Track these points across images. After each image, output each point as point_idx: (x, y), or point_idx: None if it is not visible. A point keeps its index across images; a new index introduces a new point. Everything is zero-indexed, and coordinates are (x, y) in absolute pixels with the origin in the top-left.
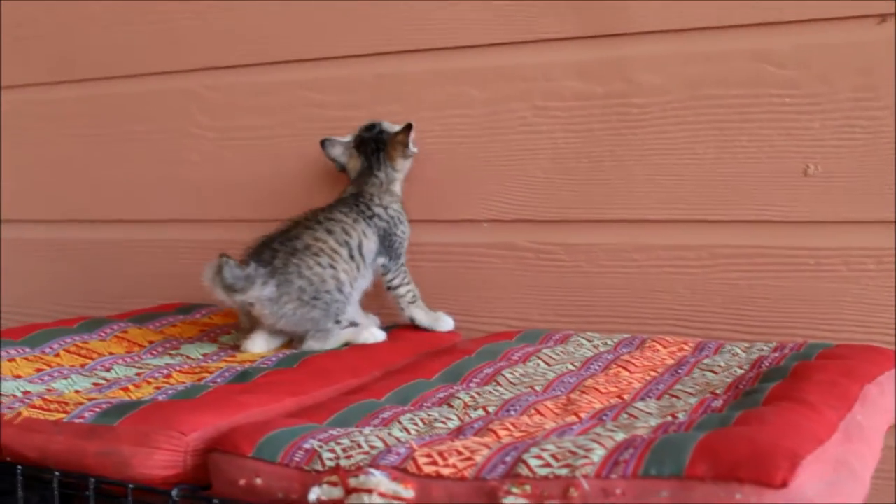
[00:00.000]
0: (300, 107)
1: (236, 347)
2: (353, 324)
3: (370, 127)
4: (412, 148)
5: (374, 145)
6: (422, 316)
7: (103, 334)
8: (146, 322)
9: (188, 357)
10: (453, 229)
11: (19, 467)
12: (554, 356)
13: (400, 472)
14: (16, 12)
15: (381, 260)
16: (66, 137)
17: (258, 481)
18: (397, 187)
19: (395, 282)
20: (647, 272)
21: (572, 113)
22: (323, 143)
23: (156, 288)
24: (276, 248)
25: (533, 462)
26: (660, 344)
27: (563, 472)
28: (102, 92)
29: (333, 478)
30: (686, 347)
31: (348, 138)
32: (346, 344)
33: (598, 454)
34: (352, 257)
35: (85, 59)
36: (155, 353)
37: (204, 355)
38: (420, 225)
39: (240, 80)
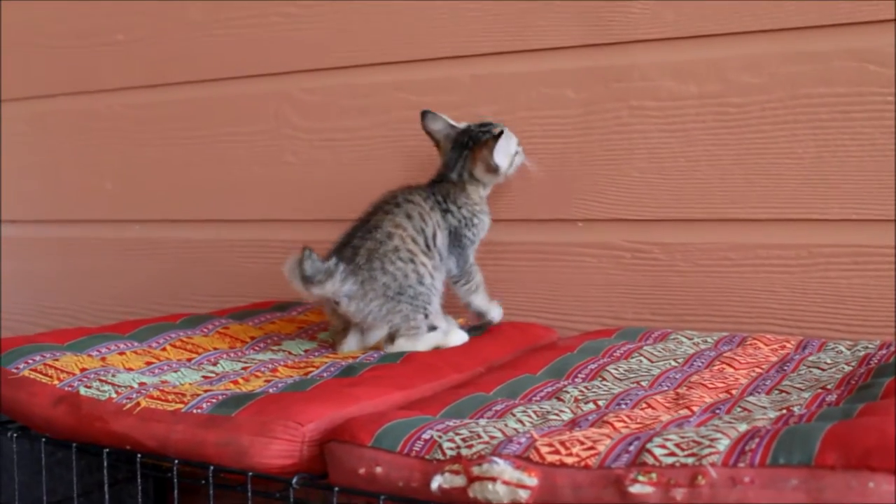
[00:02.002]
0: (397, 108)
1: (334, 345)
2: (433, 327)
3: (484, 125)
4: (496, 161)
5: (467, 142)
6: (479, 300)
7: (205, 330)
8: (245, 319)
9: (290, 353)
10: (548, 228)
11: (139, 455)
12: (656, 353)
13: (523, 460)
14: (112, 19)
15: (451, 259)
16: (164, 140)
17: (378, 470)
18: (475, 194)
19: (462, 281)
20: (744, 271)
21: (668, 113)
22: (424, 114)
23: (249, 286)
24: (358, 245)
25: (658, 451)
26: (761, 342)
27: (690, 460)
28: (198, 95)
29: (456, 466)
30: (788, 345)
31: (462, 125)
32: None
33: (724, 443)
34: (428, 247)
35: (181, 63)
36: (257, 348)
37: (305, 351)
38: (515, 224)
39: (336, 82)
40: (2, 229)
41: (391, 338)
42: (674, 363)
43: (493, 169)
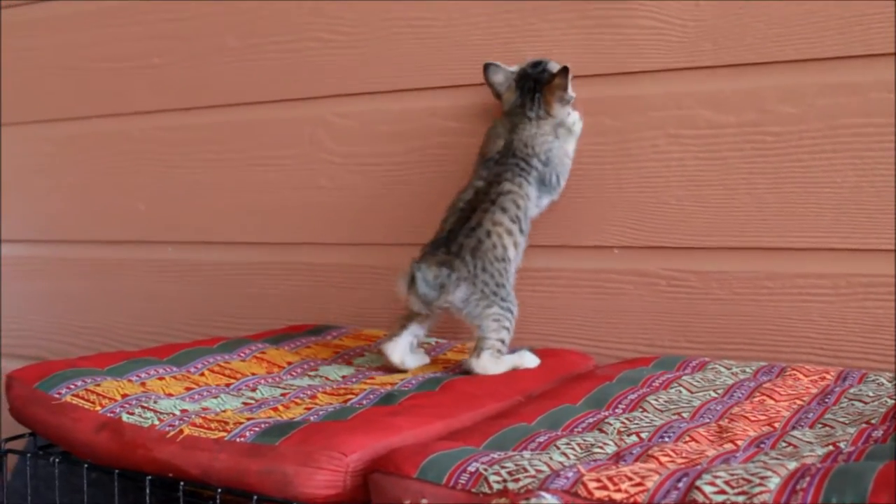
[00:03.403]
0: (433, 135)
1: (372, 369)
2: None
3: (536, 64)
4: (570, 92)
5: (533, 84)
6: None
7: (243, 354)
8: (281, 343)
9: (328, 378)
10: (585, 255)
11: (182, 483)
12: (695, 383)
13: (570, 495)
14: (148, 43)
15: (545, 201)
16: (197, 162)
17: (424, 502)
18: (547, 125)
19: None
20: (781, 300)
21: (705, 141)
22: (487, 66)
23: (283, 309)
24: (462, 243)
25: (707, 489)
26: (800, 372)
27: (740, 499)
28: (232, 118)
29: (503, 500)
30: (828, 376)
31: (514, 68)
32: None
33: (774, 482)
34: (521, 231)
35: (215, 87)
36: (295, 373)
37: (343, 377)
38: (552, 250)
39: (370, 107)
40: (35, 249)
41: (478, 350)
42: (714, 394)
43: (568, 100)
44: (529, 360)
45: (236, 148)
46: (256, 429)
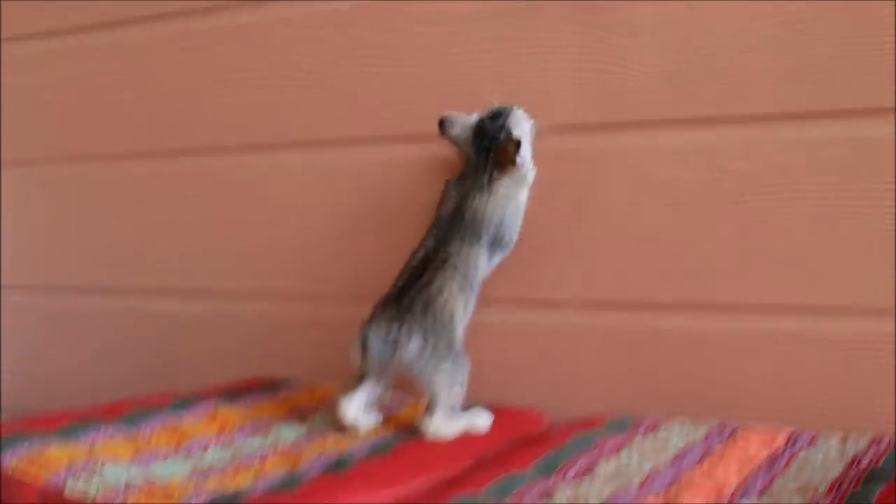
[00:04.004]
0: (393, 187)
1: (325, 429)
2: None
3: (496, 115)
4: (520, 160)
5: (489, 143)
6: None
7: (196, 413)
8: (234, 399)
9: (280, 439)
10: (540, 309)
11: None
12: (646, 446)
13: None
14: (114, 83)
15: (496, 259)
16: (157, 206)
17: None
18: (502, 187)
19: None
20: (735, 357)
21: (661, 196)
22: (442, 121)
23: (242, 361)
24: (413, 297)
25: None
26: (751, 433)
27: None
28: (192, 163)
29: None
30: (779, 438)
31: (473, 117)
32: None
33: None
34: (472, 289)
35: (184, 130)
36: (247, 433)
37: (295, 438)
38: (507, 304)
39: (335, 156)
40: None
41: (431, 410)
42: (664, 459)
43: (520, 165)
44: (482, 419)
45: (205, 193)
46: (199, 502)
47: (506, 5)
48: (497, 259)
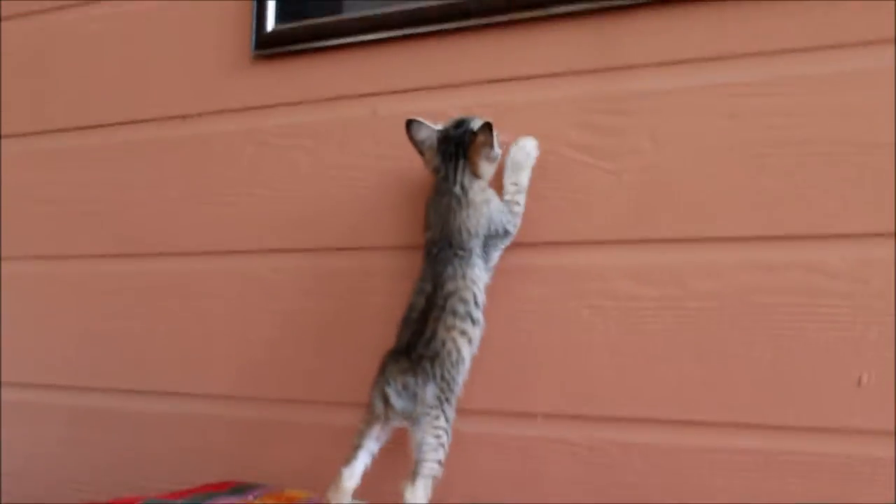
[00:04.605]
0: (366, 293)
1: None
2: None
3: (459, 123)
4: (497, 149)
5: (455, 148)
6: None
7: None
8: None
9: None
10: (510, 421)
11: None
12: None
13: None
14: (88, 188)
15: (497, 254)
16: (130, 309)
17: None
18: (479, 195)
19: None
20: (700, 474)
21: (628, 313)
22: (410, 122)
23: (203, 463)
24: (421, 353)
25: None
26: None
27: None
28: (167, 266)
29: None
30: None
31: (439, 126)
32: None
33: None
34: (475, 322)
35: (152, 235)
36: None
37: None
38: (478, 415)
39: (305, 263)
40: None
41: (414, 477)
42: None
43: (495, 157)
44: None
45: (169, 297)
46: None
47: None
48: (499, 250)
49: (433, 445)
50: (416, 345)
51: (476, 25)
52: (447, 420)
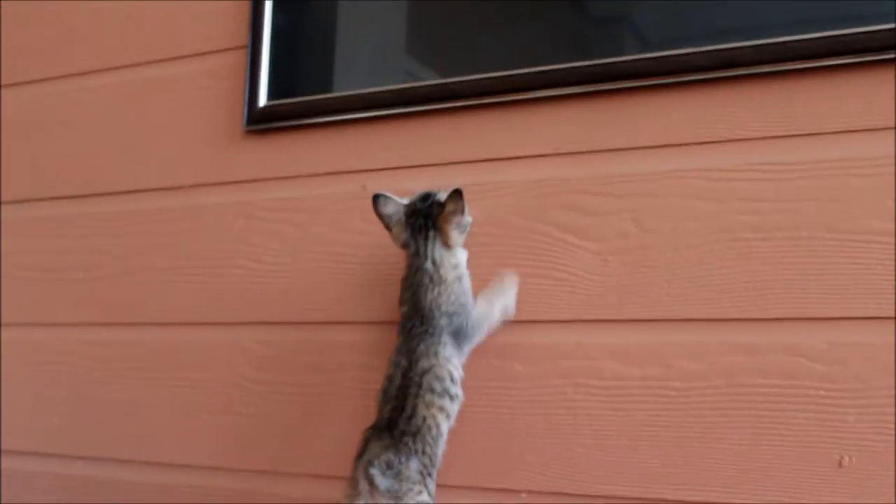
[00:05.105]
0: (352, 368)
1: None
2: None
3: (425, 197)
4: (467, 217)
5: (423, 220)
6: None
7: None
8: None
9: None
10: (493, 497)
11: None
12: None
13: None
14: (75, 256)
15: (467, 348)
16: (115, 378)
17: None
18: (451, 272)
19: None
20: None
21: (611, 392)
22: (376, 197)
23: None
24: (403, 430)
25: None
26: None
27: None
28: (154, 337)
29: None
30: None
31: (405, 200)
32: None
33: None
34: (452, 398)
35: (139, 304)
36: None
37: None
38: (460, 491)
39: (292, 336)
40: None
41: None
42: None
43: (465, 225)
44: None
45: (156, 367)
46: None
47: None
48: (468, 348)
49: None
50: (398, 421)
51: (465, 106)
52: (430, 494)
